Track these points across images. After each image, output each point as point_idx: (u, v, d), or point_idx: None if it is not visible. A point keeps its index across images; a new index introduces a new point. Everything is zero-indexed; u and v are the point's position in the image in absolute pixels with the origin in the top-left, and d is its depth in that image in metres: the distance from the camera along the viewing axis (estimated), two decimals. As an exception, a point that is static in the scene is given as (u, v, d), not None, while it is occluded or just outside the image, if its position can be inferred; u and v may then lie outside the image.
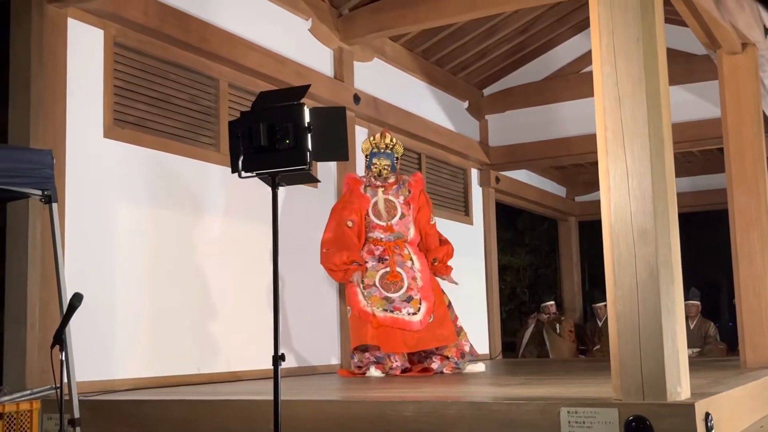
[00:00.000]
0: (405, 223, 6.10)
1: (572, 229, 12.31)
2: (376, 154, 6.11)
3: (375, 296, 5.81)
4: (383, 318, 5.73)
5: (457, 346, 5.99)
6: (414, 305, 5.82)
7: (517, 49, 8.88)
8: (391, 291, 5.82)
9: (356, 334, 5.87)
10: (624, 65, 3.33)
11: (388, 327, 5.73)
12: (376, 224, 6.00)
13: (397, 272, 5.87)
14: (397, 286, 5.84)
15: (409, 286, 5.86)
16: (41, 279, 4.49)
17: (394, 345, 5.74)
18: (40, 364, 4.42)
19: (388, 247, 5.95)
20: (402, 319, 5.76)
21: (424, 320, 5.80)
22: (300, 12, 6.57)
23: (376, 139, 6.17)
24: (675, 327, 3.26)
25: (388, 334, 5.73)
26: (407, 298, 5.83)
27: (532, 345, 10.63)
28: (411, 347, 5.81)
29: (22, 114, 4.64)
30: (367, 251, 5.97)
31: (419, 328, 5.77)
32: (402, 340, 5.75)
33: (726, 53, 5.77)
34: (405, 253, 6.01)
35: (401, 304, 5.80)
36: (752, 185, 5.66)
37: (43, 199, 3.77)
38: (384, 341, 5.73)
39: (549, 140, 9.05)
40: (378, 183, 6.11)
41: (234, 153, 3.20)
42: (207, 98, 5.75)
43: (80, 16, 4.91)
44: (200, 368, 5.39)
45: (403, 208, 6.11)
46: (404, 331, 5.76)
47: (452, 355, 5.96)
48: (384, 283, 5.84)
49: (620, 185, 3.32)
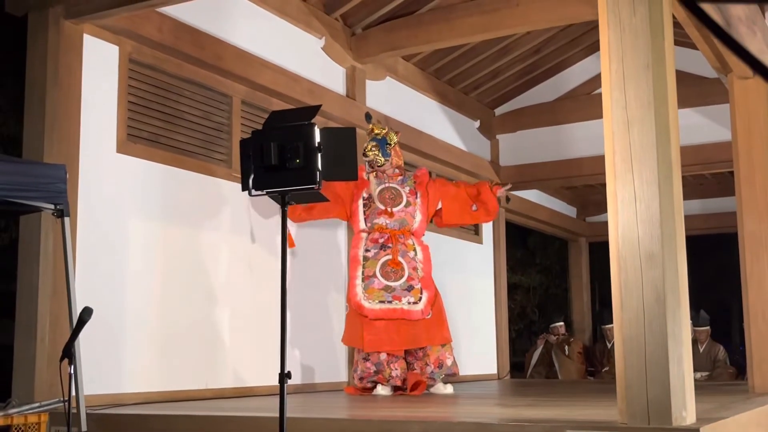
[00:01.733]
0: (410, 212, 6.10)
1: (582, 249, 12.29)
2: (367, 143, 6.16)
3: (373, 287, 5.79)
4: (379, 311, 5.73)
5: (439, 356, 5.92)
6: (415, 294, 5.81)
7: (529, 70, 8.91)
8: (391, 279, 5.81)
9: (349, 332, 5.88)
10: (633, 90, 3.35)
11: (383, 321, 5.72)
12: (381, 210, 6.01)
13: (399, 260, 5.88)
14: (398, 274, 5.84)
15: (410, 276, 5.86)
16: (52, 292, 4.52)
17: (383, 344, 5.72)
18: (49, 377, 4.45)
19: (392, 235, 5.96)
20: (401, 308, 5.76)
21: (425, 310, 5.80)
22: (313, 30, 6.63)
23: (376, 129, 6.24)
24: (681, 351, 3.26)
25: (382, 331, 5.72)
26: (408, 287, 5.82)
27: (541, 366, 10.60)
28: (407, 343, 5.77)
29: (37, 128, 4.70)
30: (371, 239, 5.97)
31: (420, 317, 5.77)
32: (397, 336, 5.73)
33: (737, 77, 5.78)
34: (409, 243, 6.00)
35: (402, 293, 5.79)
36: (762, 210, 5.65)
37: (55, 213, 3.81)
38: (375, 339, 5.71)
39: (560, 161, 9.07)
40: (380, 171, 6.11)
41: (245, 171, 3.23)
42: (220, 115, 5.80)
43: (96, 33, 4.97)
44: (208, 383, 5.40)
45: (409, 197, 6.12)
46: (402, 321, 5.74)
47: (430, 363, 5.87)
48: (385, 271, 5.83)
49: (628, 209, 3.33)
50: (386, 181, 6.11)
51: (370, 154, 6.10)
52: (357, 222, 6.06)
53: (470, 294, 8.67)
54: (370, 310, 5.74)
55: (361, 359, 5.87)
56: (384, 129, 6.23)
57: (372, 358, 5.80)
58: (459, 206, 6.28)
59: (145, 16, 5.09)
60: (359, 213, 6.04)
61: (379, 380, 5.82)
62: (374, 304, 5.75)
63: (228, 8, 5.83)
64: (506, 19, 6.54)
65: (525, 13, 6.45)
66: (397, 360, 5.83)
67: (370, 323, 5.73)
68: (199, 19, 5.53)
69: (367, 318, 5.73)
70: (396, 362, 5.82)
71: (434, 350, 5.88)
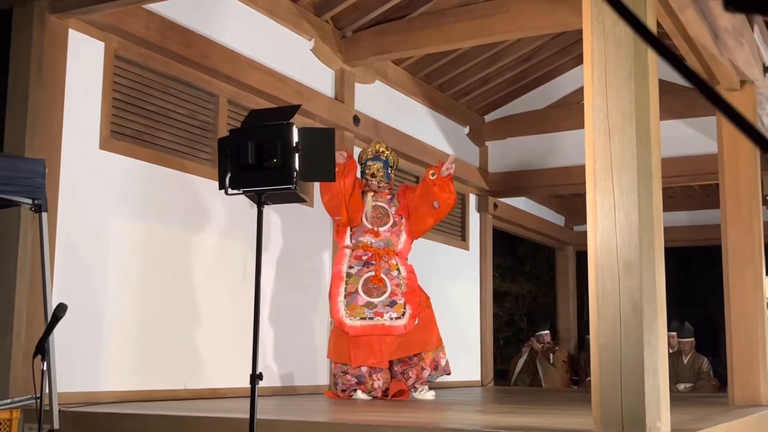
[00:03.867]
0: (396, 232, 6.08)
1: (570, 258, 12.30)
2: (369, 158, 6.13)
3: (354, 304, 5.77)
4: (359, 327, 5.71)
5: (435, 356, 5.91)
6: (398, 310, 5.79)
7: (519, 77, 8.91)
8: (373, 296, 5.79)
9: (334, 347, 5.87)
10: (615, 99, 3.35)
11: (364, 337, 5.70)
12: (366, 228, 5.99)
13: (382, 277, 5.85)
14: (380, 291, 5.81)
15: (393, 292, 5.83)
16: (30, 288, 4.49)
17: (369, 357, 5.70)
18: (24, 373, 4.41)
19: (376, 254, 5.94)
20: (382, 324, 5.73)
21: (409, 324, 5.77)
22: (303, 32, 6.61)
23: (370, 146, 6.21)
24: (657, 361, 3.25)
25: (363, 347, 5.70)
26: (390, 302, 5.80)
27: (525, 374, 10.59)
28: (391, 354, 5.75)
29: (19, 122, 4.67)
30: (355, 256, 5.95)
31: (403, 332, 5.74)
32: (379, 350, 5.71)
33: (724, 90, 5.78)
34: (392, 263, 5.98)
35: (384, 309, 5.77)
36: (746, 223, 5.65)
37: (33, 208, 3.78)
38: (359, 354, 5.70)
39: (549, 168, 9.07)
40: (373, 185, 6.09)
41: (222, 170, 3.21)
42: (206, 114, 5.78)
43: (82, 28, 4.94)
44: (186, 384, 5.37)
45: (395, 217, 6.11)
46: (384, 336, 5.71)
47: (426, 366, 5.87)
48: (367, 287, 5.81)
49: (607, 217, 3.32)
50: (377, 199, 6.09)
51: (378, 174, 6.06)
52: (342, 238, 6.05)
53: (456, 300, 8.65)
54: (351, 327, 5.73)
55: (340, 373, 5.84)
56: (387, 150, 6.20)
57: (352, 371, 5.78)
58: (421, 212, 6.14)
59: (131, 12, 5.06)
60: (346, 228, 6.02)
61: (360, 390, 5.80)
62: (355, 320, 5.74)
63: (216, 7, 5.81)
64: (496, 25, 6.53)
65: (515, 20, 6.45)
66: (380, 371, 5.80)
67: (354, 339, 5.72)
68: (187, 17, 5.51)
69: (349, 335, 5.72)
70: (378, 373, 5.80)
71: (429, 353, 5.88)
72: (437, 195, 6.00)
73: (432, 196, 6.03)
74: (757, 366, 5.49)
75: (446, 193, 6.02)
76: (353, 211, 5.94)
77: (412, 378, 5.87)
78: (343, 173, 5.82)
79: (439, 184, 6.01)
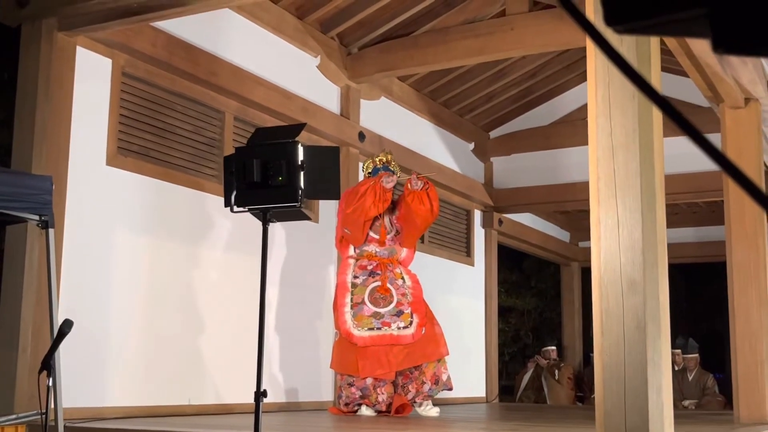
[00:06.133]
0: (399, 241, 6.08)
1: (575, 274, 12.28)
2: (380, 169, 6.05)
3: (362, 314, 5.76)
4: (368, 338, 5.71)
5: (436, 370, 5.88)
6: (405, 319, 5.77)
7: (524, 94, 8.94)
8: (380, 306, 5.79)
9: (339, 359, 5.86)
10: (619, 117, 3.36)
11: (372, 347, 5.70)
12: (371, 237, 6.00)
13: (388, 287, 5.85)
14: (386, 300, 5.80)
15: (399, 302, 5.82)
16: (36, 303, 4.51)
17: (377, 368, 5.69)
18: (29, 388, 4.41)
19: (381, 263, 5.94)
20: (390, 334, 5.72)
21: (417, 333, 5.75)
22: (309, 49, 6.65)
23: (380, 156, 6.14)
24: (661, 379, 3.25)
25: (371, 357, 5.70)
26: (397, 312, 5.78)
27: (530, 390, 10.56)
28: (399, 364, 5.72)
29: (26, 138, 4.70)
30: (359, 266, 5.95)
31: (411, 341, 5.73)
32: (387, 360, 5.69)
33: (729, 107, 5.80)
34: (397, 271, 5.98)
35: (391, 318, 5.76)
36: (751, 240, 5.65)
37: (40, 224, 3.80)
38: (367, 365, 5.69)
39: (554, 185, 9.08)
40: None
41: (227, 187, 3.24)
42: (212, 130, 5.81)
43: (90, 45, 4.98)
44: (191, 399, 5.38)
45: (397, 226, 6.12)
46: (392, 346, 5.69)
47: (427, 380, 5.82)
48: (374, 297, 5.80)
49: (611, 235, 3.33)
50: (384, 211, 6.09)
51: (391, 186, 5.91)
52: (345, 248, 6.04)
53: (461, 316, 8.64)
54: (360, 337, 5.72)
55: (345, 385, 5.84)
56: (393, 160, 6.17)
57: (357, 383, 5.77)
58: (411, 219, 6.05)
59: (139, 30, 5.10)
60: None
61: (365, 404, 5.80)
62: (363, 331, 5.73)
63: (223, 24, 5.85)
64: (501, 43, 6.57)
65: (519, 38, 6.48)
66: (384, 384, 5.80)
67: (362, 350, 5.71)
68: (194, 34, 5.55)
69: (357, 345, 5.71)
70: (383, 387, 5.79)
71: (430, 366, 5.83)
72: (413, 206, 5.88)
73: (408, 207, 5.95)
74: (763, 383, 5.48)
75: (418, 204, 5.87)
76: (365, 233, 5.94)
77: (412, 392, 5.85)
78: (382, 199, 5.78)
79: (412, 196, 5.88)
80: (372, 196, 5.73)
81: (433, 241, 8.45)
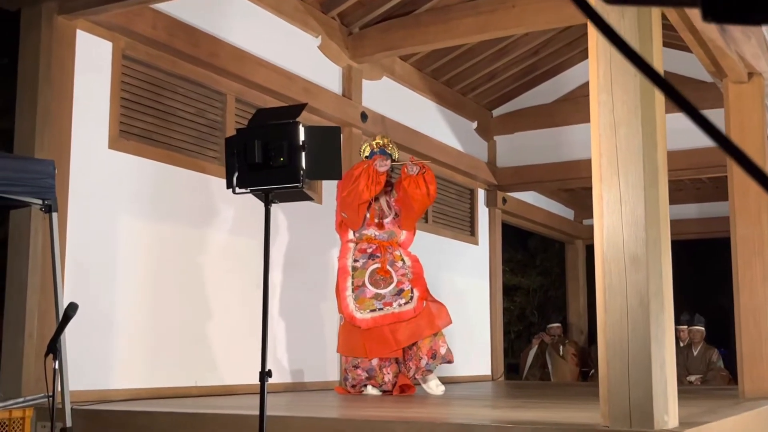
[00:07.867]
0: (398, 223, 6.09)
1: (579, 251, 12.28)
2: (376, 152, 6.02)
3: (363, 297, 5.79)
4: (370, 320, 5.73)
5: (432, 345, 5.86)
6: (405, 295, 5.80)
7: (527, 71, 8.91)
8: (381, 287, 5.81)
9: (345, 343, 5.88)
10: (620, 93, 3.35)
11: (376, 329, 5.72)
12: (370, 221, 6.00)
13: (387, 269, 5.87)
14: (386, 282, 5.83)
15: (399, 281, 5.84)
16: (41, 288, 4.52)
17: (384, 348, 5.72)
18: (36, 372, 4.44)
19: (380, 246, 5.96)
20: (392, 313, 5.75)
21: (418, 306, 5.78)
22: (310, 29, 6.62)
23: (377, 140, 6.11)
24: (664, 355, 3.26)
25: (377, 338, 5.72)
26: (398, 291, 5.81)
27: (535, 367, 10.59)
28: (406, 340, 5.75)
29: (28, 123, 4.70)
30: (359, 249, 5.96)
31: (413, 315, 5.75)
32: (393, 339, 5.71)
33: (732, 82, 5.77)
34: (396, 254, 6.00)
35: (392, 298, 5.79)
36: (755, 216, 5.64)
37: (43, 208, 3.81)
38: (373, 347, 5.71)
39: (557, 163, 9.06)
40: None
41: (229, 169, 3.24)
42: (213, 112, 5.80)
43: (90, 29, 4.97)
44: (197, 381, 5.40)
45: (396, 208, 6.12)
46: (396, 324, 5.72)
47: (423, 355, 5.81)
48: (374, 279, 5.83)
49: (613, 211, 3.33)
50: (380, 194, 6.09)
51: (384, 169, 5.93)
52: (345, 232, 6.05)
53: (466, 295, 8.66)
54: (363, 320, 5.75)
55: (350, 367, 5.86)
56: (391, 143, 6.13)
57: (363, 365, 5.80)
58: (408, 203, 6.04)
59: (139, 12, 5.09)
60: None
61: (371, 384, 5.82)
62: (366, 314, 5.75)
63: (223, 6, 5.83)
64: (503, 20, 6.53)
65: (521, 15, 6.44)
66: (390, 364, 5.82)
67: (367, 332, 5.73)
68: (194, 16, 5.53)
69: (361, 328, 5.74)
70: (388, 366, 5.81)
71: (425, 342, 5.82)
72: (410, 190, 5.90)
73: (405, 191, 5.96)
74: (767, 358, 5.49)
75: (414, 188, 5.89)
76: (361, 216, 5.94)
77: (412, 368, 5.87)
78: (376, 182, 5.80)
79: (408, 180, 5.91)
80: (365, 179, 5.75)
81: (438, 221, 8.45)
